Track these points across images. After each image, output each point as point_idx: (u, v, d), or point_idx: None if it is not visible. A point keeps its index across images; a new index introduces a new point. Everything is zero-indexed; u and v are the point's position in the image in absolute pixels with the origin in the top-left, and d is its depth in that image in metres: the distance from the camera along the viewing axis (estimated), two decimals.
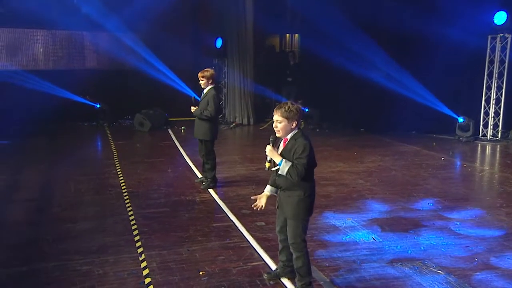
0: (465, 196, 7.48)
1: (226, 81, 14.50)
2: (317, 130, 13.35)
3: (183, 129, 13.21)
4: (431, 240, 5.60)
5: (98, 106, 13.71)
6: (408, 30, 10.98)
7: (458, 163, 10.09)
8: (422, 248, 5.37)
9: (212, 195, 7.21)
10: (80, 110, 13.83)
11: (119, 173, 8.42)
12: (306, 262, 4.26)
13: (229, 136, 12.85)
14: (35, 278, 4.54)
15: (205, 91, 7.32)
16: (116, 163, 9.16)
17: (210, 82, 7.24)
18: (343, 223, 6.10)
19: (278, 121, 4.06)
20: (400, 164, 9.33)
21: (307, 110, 14.20)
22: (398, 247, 5.39)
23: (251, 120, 14.42)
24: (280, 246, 4.47)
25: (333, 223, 6.10)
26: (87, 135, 12.48)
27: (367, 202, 6.98)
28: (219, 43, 14.33)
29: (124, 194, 7.20)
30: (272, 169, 4.16)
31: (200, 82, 7.28)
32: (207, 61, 14.60)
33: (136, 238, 5.54)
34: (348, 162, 9.42)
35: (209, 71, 7.27)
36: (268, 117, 14.98)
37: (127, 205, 6.69)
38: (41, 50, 14.86)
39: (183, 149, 10.34)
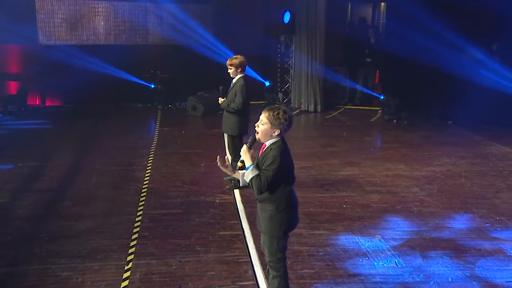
0: None
1: (292, 62, 14.34)
2: (394, 121, 12.86)
3: None
4: (467, 270, 5.21)
5: (152, 86, 14.16)
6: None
7: None
8: (450, 280, 5.03)
9: (236, 197, 7.24)
10: (136, 90, 14.43)
11: (148, 165, 8.72)
12: (283, 285, 4.18)
13: None
14: (10, 281, 4.88)
15: (234, 80, 7.33)
16: (151, 152, 9.49)
17: (239, 70, 7.22)
18: (367, 241, 5.88)
19: (262, 122, 4.04)
20: (475, 170, 8.75)
21: (382, 97, 13.71)
22: (421, 276, 5.11)
23: (319, 107, 14.20)
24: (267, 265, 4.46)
25: (356, 240, 5.91)
26: (136, 118, 13.09)
27: (409, 216, 6.66)
28: (286, 17, 14.17)
29: (143, 190, 7.46)
30: (240, 171, 4.11)
31: (229, 70, 7.29)
32: (273, 42, 14.57)
33: (132, 243, 5.73)
34: (412, 165, 9.00)
35: (238, 58, 7.24)
36: (339, 104, 14.68)
37: (140, 204, 6.93)
38: (102, 23, 15.54)
39: None
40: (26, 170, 8.41)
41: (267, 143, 4.08)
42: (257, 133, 4.08)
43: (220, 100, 7.36)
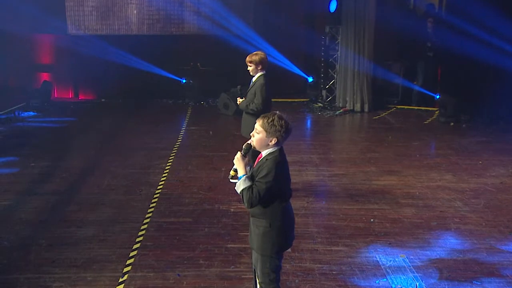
0: None
1: (338, 55, 14.28)
2: (451, 124, 12.60)
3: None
4: None
5: (183, 81, 14.43)
6: None
7: None
8: None
9: None
10: (167, 85, 14.78)
11: (167, 168, 8.94)
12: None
13: (324, 127, 12.77)
14: None
15: (253, 79, 7.36)
16: (171, 154, 9.72)
17: (259, 68, 7.25)
18: (389, 260, 5.86)
19: (256, 131, 4.10)
20: None
21: (438, 96, 13.47)
22: None
23: (366, 107, 14.09)
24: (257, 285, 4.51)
25: (377, 258, 5.89)
26: (164, 115, 13.44)
27: (444, 234, 6.58)
28: (333, 5, 14.11)
29: (155, 196, 7.67)
30: (232, 180, 4.19)
31: (248, 68, 7.30)
32: (317, 34, 14.52)
33: (132, 254, 5.92)
34: (460, 175, 8.84)
35: (258, 55, 7.26)
36: (391, 104, 14.50)
37: (148, 211, 7.14)
38: (135, 12, 15.95)
39: None
40: (37, 170, 8.78)
41: (264, 153, 4.14)
42: (252, 142, 4.13)
43: (239, 100, 7.34)
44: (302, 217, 6.94)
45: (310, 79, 14.99)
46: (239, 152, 4.14)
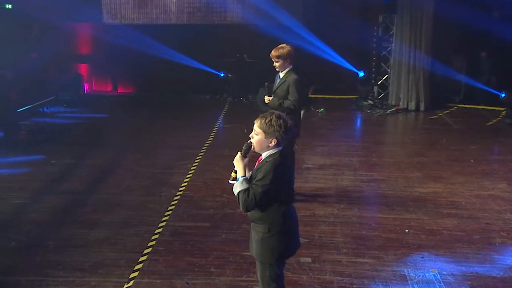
0: None
1: (392, 47, 14.20)
2: None
3: (322, 111, 13.47)
4: None
5: (222, 75, 14.67)
6: None
7: None
8: None
9: None
10: (205, 79, 15.05)
11: (192, 168, 9.17)
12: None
13: (371, 127, 12.78)
14: None
15: (281, 74, 7.30)
16: (200, 153, 9.94)
17: (288, 62, 7.28)
18: (419, 276, 5.86)
19: (255, 132, 4.21)
20: None
21: (503, 95, 13.22)
22: None
23: (421, 105, 13.97)
24: None
25: (405, 273, 5.91)
26: (199, 111, 13.77)
27: (486, 249, 6.51)
28: None
29: (175, 198, 7.90)
30: (230, 182, 4.31)
31: (275, 64, 7.31)
32: (368, 24, 14.44)
33: (142, 259, 6.14)
34: None
35: (285, 48, 7.26)
36: (452, 102, 14.29)
37: (166, 214, 7.36)
38: (174, 0, 16.28)
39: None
40: (57, 168, 9.16)
41: (263, 155, 4.24)
42: (252, 143, 4.25)
43: (267, 99, 7.34)
44: (329, 225, 7.00)
45: (361, 74, 14.95)
46: (239, 153, 4.23)
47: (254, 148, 4.26)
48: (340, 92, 15.23)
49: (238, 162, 4.25)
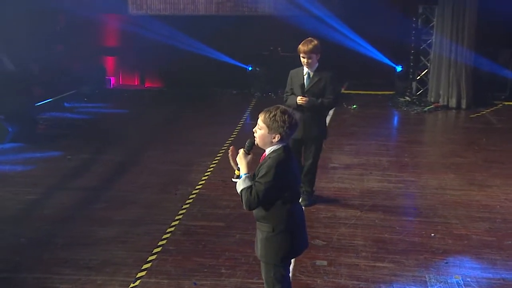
0: None
1: (433, 40, 14.14)
2: None
3: (354, 108, 13.53)
4: None
5: (250, 68, 14.81)
6: None
7: None
8: None
9: None
10: (232, 72, 15.21)
11: (211, 166, 9.34)
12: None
13: (406, 125, 12.89)
14: None
15: (311, 72, 7.25)
16: (221, 150, 10.11)
17: (318, 57, 7.25)
18: (440, 282, 5.91)
19: (259, 127, 4.33)
20: None
21: None
22: None
23: (463, 103, 13.88)
24: None
25: (426, 279, 5.96)
26: (224, 107, 14.13)
27: None
28: None
29: (190, 197, 8.08)
30: (233, 180, 4.42)
31: (307, 61, 7.10)
32: (406, 16, 14.40)
33: (150, 258, 6.33)
34: None
35: (314, 41, 7.05)
36: (497, 99, 14.16)
37: (179, 212, 7.54)
38: None
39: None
40: (72, 164, 9.44)
41: (267, 151, 4.35)
42: (255, 138, 4.37)
43: (302, 99, 7.16)
44: (350, 228, 7.08)
45: (399, 69, 14.92)
46: (241, 149, 4.34)
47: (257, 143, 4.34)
48: (376, 88, 15.23)
49: (241, 159, 4.38)
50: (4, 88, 10.91)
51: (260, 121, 4.28)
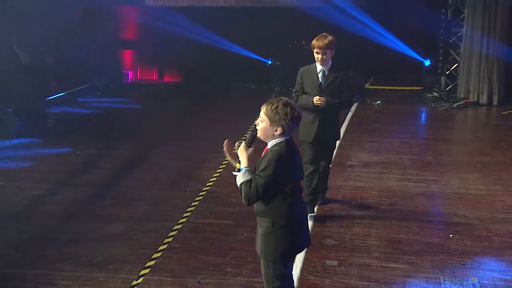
0: None
1: (463, 33, 14.09)
2: None
3: (378, 103, 13.57)
4: None
5: (269, 62, 14.92)
6: None
7: None
8: None
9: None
10: (251, 67, 15.32)
11: (224, 162, 9.45)
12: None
13: (432, 122, 12.95)
14: (2, 285, 5.83)
15: (326, 69, 7.07)
16: (234, 147, 10.17)
17: (333, 53, 7.10)
18: (455, 284, 5.94)
19: (261, 119, 4.42)
20: None
21: None
22: None
23: (495, 99, 13.84)
24: None
25: (440, 281, 5.97)
26: (241, 102, 14.28)
27: None
28: None
29: (200, 194, 8.22)
30: (234, 173, 4.52)
31: (322, 57, 6.92)
32: (435, 7, 14.34)
33: (155, 255, 6.46)
34: None
35: (329, 36, 6.88)
36: None
37: (188, 210, 7.67)
38: None
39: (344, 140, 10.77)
40: (81, 159, 9.65)
41: (269, 144, 4.44)
42: (258, 131, 4.46)
43: (320, 99, 6.94)
44: (364, 227, 7.14)
45: (427, 63, 14.89)
46: (243, 142, 4.43)
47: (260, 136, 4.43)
48: (403, 83, 15.24)
49: (241, 152, 4.44)
50: (18, 80, 11.09)
51: (262, 114, 4.36)
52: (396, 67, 14.80)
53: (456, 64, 14.24)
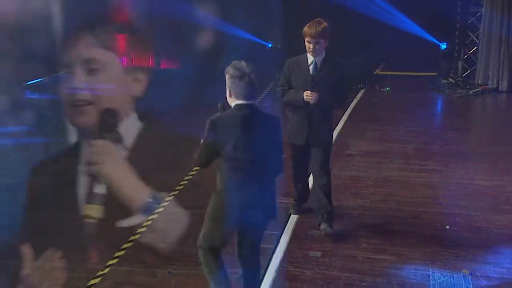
0: None
1: (482, 13, 14.14)
2: None
3: (388, 90, 13.70)
4: None
5: (270, 45, 15.07)
6: None
7: None
8: None
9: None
10: (251, 50, 15.46)
11: None
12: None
13: (445, 109, 13.29)
14: None
15: (318, 61, 6.63)
16: None
17: (326, 44, 6.59)
18: (445, 276, 6.04)
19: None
20: None
21: None
22: None
23: None
24: None
25: (429, 272, 6.08)
26: None
27: None
28: None
29: (181, 183, 8.44)
30: None
31: (315, 46, 6.50)
32: None
33: (126, 246, 6.68)
34: None
35: (323, 23, 6.48)
36: None
37: (166, 199, 7.88)
38: None
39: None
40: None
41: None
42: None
43: (311, 95, 6.53)
44: (355, 218, 7.31)
45: (444, 46, 14.95)
46: None
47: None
48: (416, 69, 15.31)
49: None
50: None
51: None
52: (409, 51, 14.86)
53: (475, 48, 14.20)
